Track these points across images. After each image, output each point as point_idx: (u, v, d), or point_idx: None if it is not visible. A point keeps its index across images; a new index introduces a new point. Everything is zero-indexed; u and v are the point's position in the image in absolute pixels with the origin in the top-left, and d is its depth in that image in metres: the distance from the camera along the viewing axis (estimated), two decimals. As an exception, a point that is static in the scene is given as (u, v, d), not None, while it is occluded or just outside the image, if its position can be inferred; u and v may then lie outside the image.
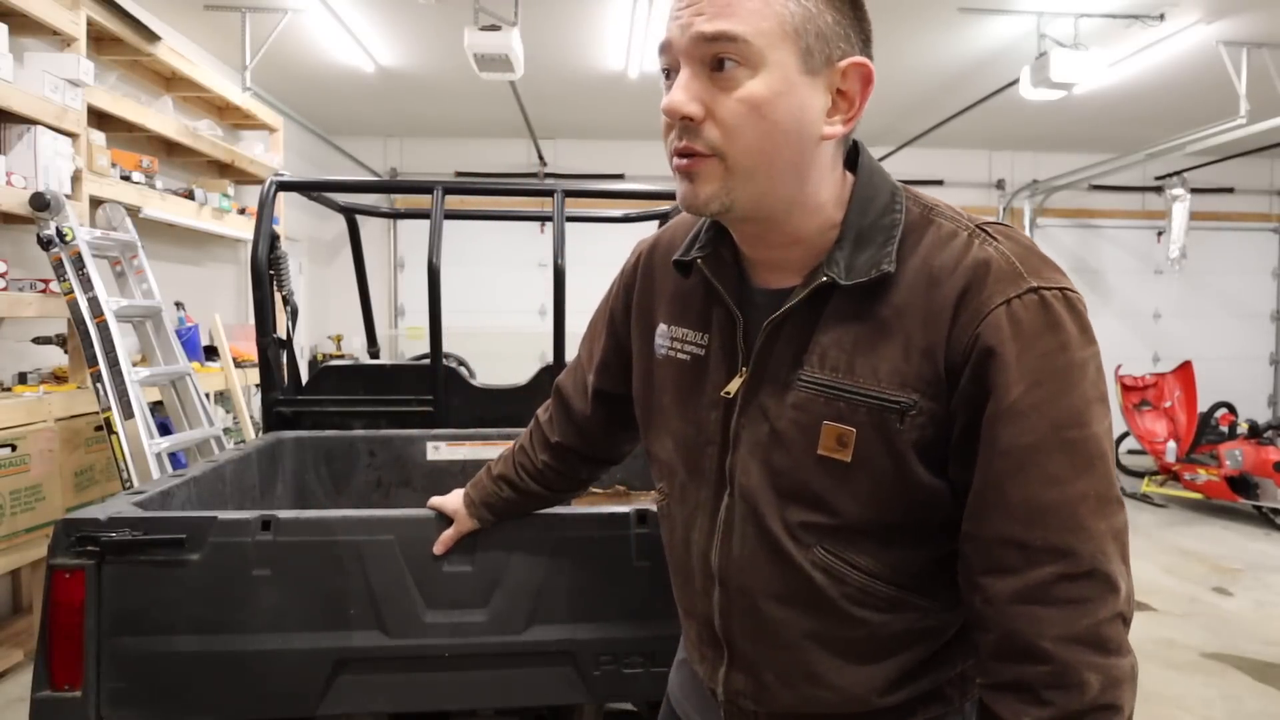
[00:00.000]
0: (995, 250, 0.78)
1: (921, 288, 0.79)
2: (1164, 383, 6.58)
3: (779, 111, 0.76)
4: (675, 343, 0.95)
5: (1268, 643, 3.53)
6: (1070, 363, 0.74)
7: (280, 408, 2.60)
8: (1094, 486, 0.73)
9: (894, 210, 0.83)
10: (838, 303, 0.82)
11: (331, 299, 7.39)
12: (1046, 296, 0.75)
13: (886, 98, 6.53)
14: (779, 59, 0.75)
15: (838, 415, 0.80)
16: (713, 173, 0.78)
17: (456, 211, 3.38)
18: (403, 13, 4.86)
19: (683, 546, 0.96)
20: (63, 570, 1.25)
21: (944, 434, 0.78)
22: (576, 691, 1.36)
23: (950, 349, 0.76)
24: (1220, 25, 4.96)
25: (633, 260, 1.07)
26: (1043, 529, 0.72)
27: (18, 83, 3.15)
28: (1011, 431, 0.73)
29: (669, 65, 0.80)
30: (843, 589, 0.83)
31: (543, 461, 1.22)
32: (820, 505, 0.82)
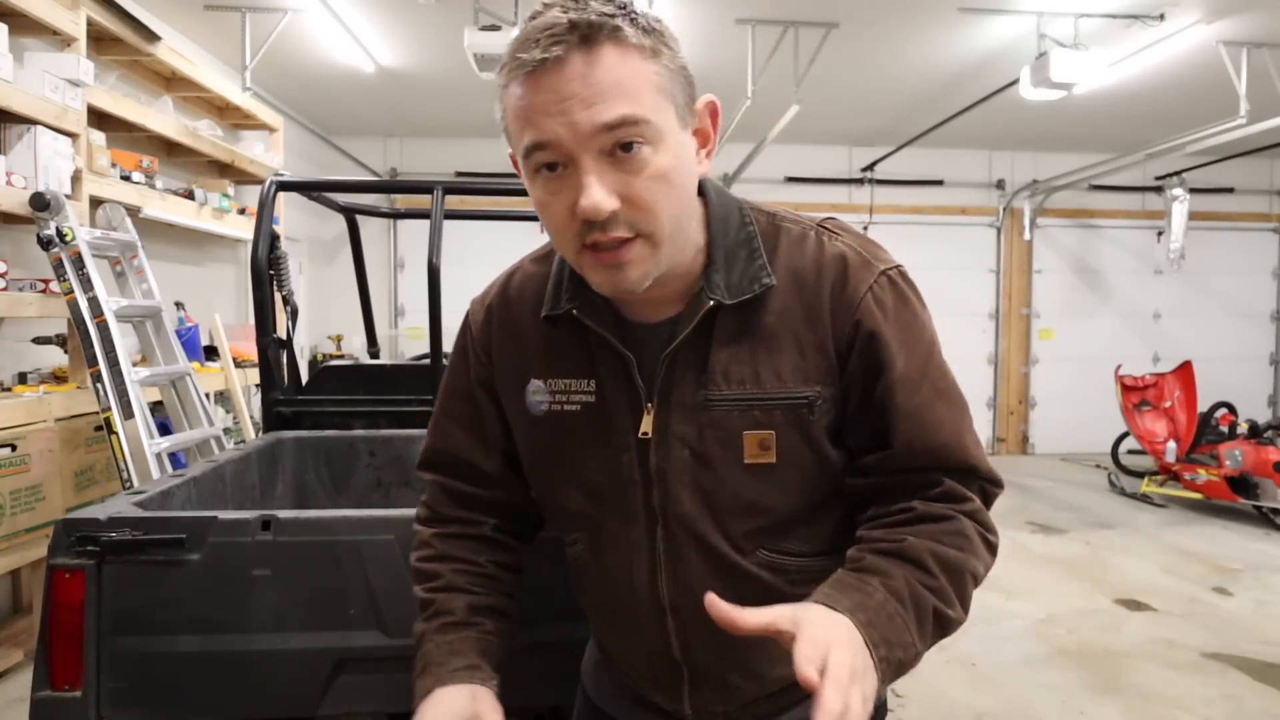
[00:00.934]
0: (843, 244, 0.88)
1: (793, 289, 0.87)
2: (1164, 383, 6.58)
3: (680, 174, 0.80)
4: (559, 395, 0.93)
5: (1268, 643, 3.53)
6: (922, 325, 0.88)
7: (280, 408, 2.60)
8: (965, 420, 0.89)
9: (746, 224, 0.89)
10: (724, 320, 0.86)
11: (331, 299, 7.39)
12: (892, 275, 0.88)
13: (886, 98, 6.53)
14: (668, 125, 0.78)
15: (755, 423, 0.86)
16: (641, 254, 0.79)
17: (456, 211, 3.38)
18: (403, 13, 4.86)
19: (622, 589, 0.95)
20: (63, 570, 1.25)
21: (840, 412, 0.88)
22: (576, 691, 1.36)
23: (836, 338, 0.86)
24: (1220, 25, 4.96)
25: (481, 319, 1.01)
26: (944, 459, 0.86)
27: (18, 83, 3.15)
28: (904, 395, 0.85)
29: (553, 162, 0.77)
30: (786, 577, 0.90)
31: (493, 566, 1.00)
32: (755, 510, 0.88)
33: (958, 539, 0.84)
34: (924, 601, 0.80)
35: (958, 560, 0.83)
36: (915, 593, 0.80)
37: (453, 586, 0.97)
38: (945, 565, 0.82)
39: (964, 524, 0.85)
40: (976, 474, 0.87)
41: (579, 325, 0.91)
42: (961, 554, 0.83)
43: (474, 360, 1.01)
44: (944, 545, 0.83)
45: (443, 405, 1.04)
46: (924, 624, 0.80)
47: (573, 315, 0.90)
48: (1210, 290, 8.82)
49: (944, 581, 0.81)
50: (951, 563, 0.83)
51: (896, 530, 0.84)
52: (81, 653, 1.24)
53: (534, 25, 0.77)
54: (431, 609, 0.96)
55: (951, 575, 0.82)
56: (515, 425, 0.98)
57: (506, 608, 1.01)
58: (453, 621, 0.94)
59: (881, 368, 0.85)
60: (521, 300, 0.98)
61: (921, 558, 0.81)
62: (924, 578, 0.81)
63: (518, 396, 0.96)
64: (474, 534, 1.01)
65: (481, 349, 1.00)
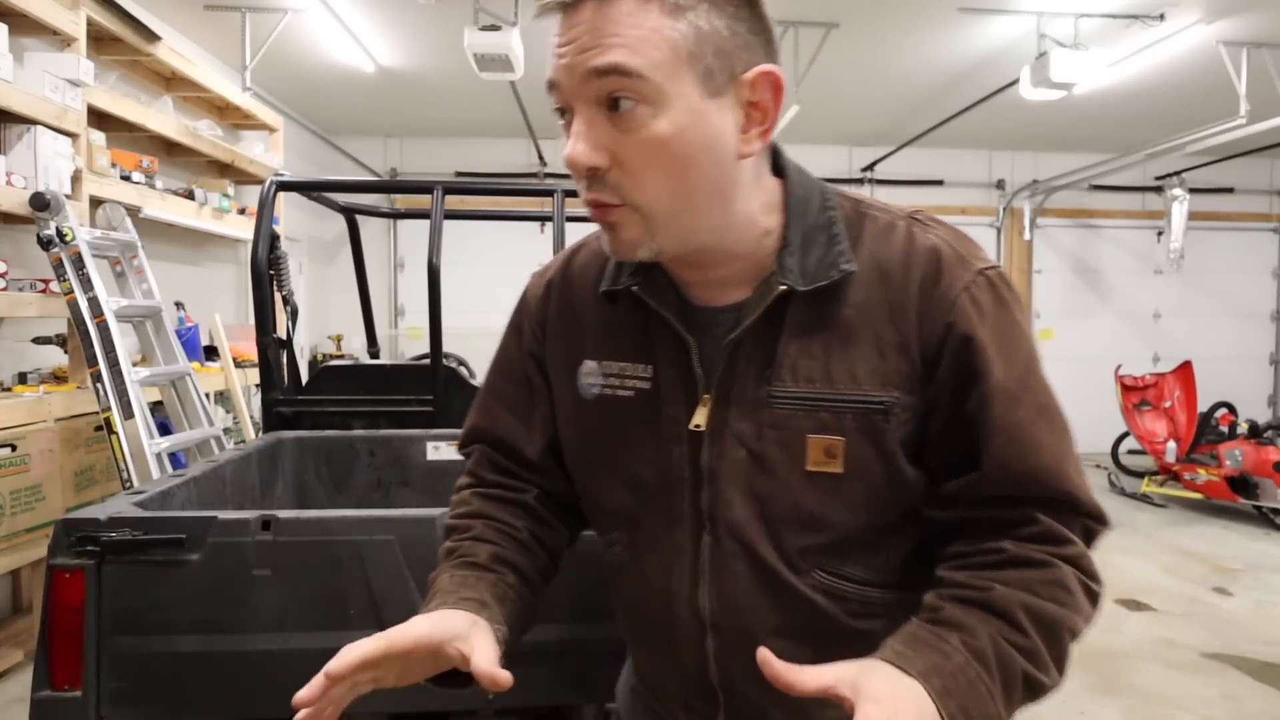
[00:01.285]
0: (937, 237, 0.79)
1: (876, 282, 0.78)
2: (1164, 383, 6.58)
3: (689, 146, 0.71)
4: (612, 379, 0.86)
5: (1268, 643, 3.53)
6: (1022, 334, 0.78)
7: (280, 408, 2.60)
8: (1070, 447, 0.78)
9: (828, 208, 0.81)
10: (796, 310, 0.78)
11: (331, 299, 7.39)
12: (991, 276, 0.78)
13: (886, 98, 6.53)
14: (679, 90, 0.70)
15: (822, 426, 0.77)
16: (630, 221, 0.74)
17: (456, 211, 3.38)
18: (403, 13, 4.86)
19: (659, 598, 0.86)
20: (63, 570, 1.25)
21: (921, 426, 0.78)
22: (576, 691, 1.36)
23: (923, 341, 0.76)
24: (1220, 25, 4.96)
25: (540, 293, 0.95)
26: (1041, 488, 0.75)
27: (18, 83, 3.15)
28: (1001, 409, 0.75)
29: (561, 105, 0.75)
30: (844, 605, 0.81)
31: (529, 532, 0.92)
32: (815, 524, 0.79)
33: (1056, 590, 0.73)
34: (1012, 665, 0.70)
35: (1055, 615, 0.72)
36: (1003, 654, 0.70)
37: (482, 538, 0.88)
38: (1040, 621, 0.72)
39: (1063, 572, 0.74)
40: (1079, 509, 0.77)
41: (639, 304, 0.84)
42: (1060, 608, 0.73)
43: (528, 334, 0.95)
44: (1039, 597, 0.72)
45: (489, 384, 0.99)
46: (1011, 692, 0.70)
47: (632, 293, 0.83)
48: (1210, 290, 8.82)
49: (1037, 640, 0.71)
50: (1047, 618, 0.72)
51: (984, 575, 0.74)
52: (81, 653, 1.24)
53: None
54: (454, 555, 0.87)
55: (1047, 633, 0.72)
56: (561, 408, 0.92)
57: (534, 579, 0.90)
58: (474, 563, 0.85)
59: (976, 376, 0.75)
60: (584, 277, 0.91)
61: (1012, 611, 0.71)
62: (1014, 635, 0.71)
63: (569, 378, 0.89)
64: (515, 499, 0.93)
65: (537, 324, 0.94)
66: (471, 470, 0.98)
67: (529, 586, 0.89)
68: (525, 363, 0.95)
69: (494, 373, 0.98)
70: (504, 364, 0.98)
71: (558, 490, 0.95)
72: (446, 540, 0.90)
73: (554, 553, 0.95)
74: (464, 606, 0.79)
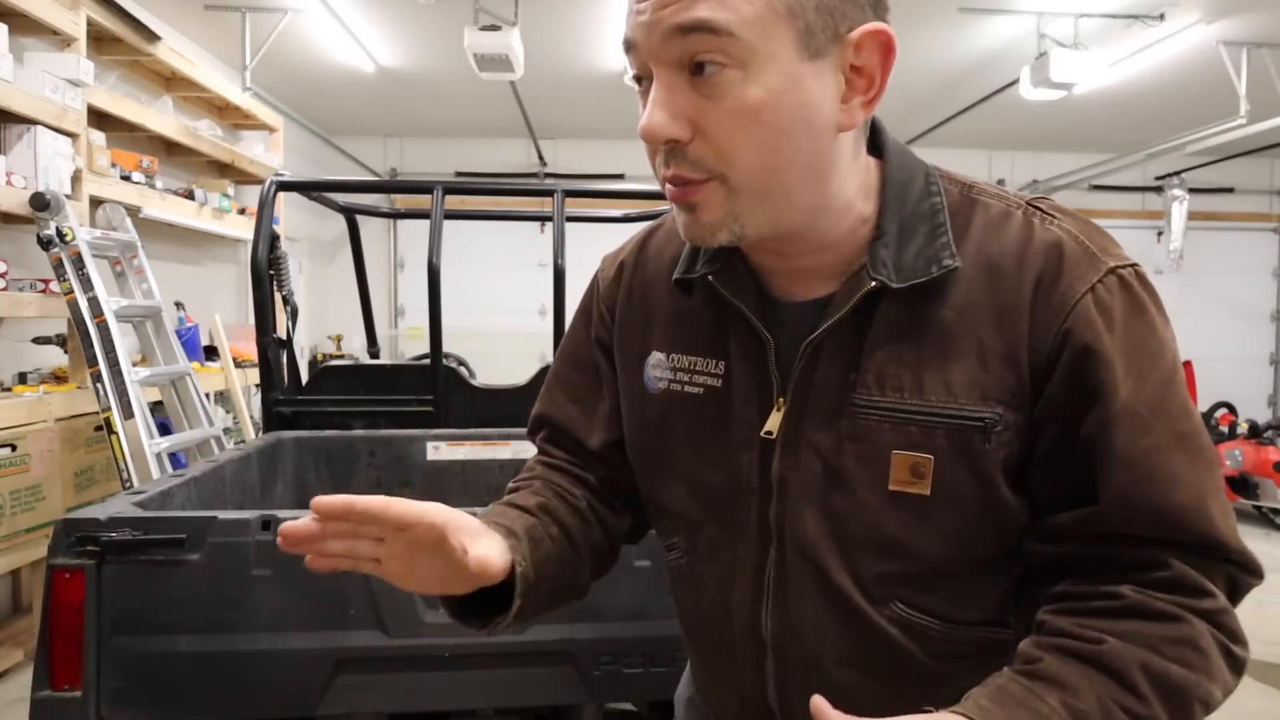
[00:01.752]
0: (1060, 230, 0.68)
1: (984, 280, 0.68)
2: (1164, 383, 6.58)
3: (782, 115, 0.62)
4: (680, 373, 0.79)
5: (1268, 643, 3.52)
6: (1162, 347, 0.66)
7: (280, 408, 2.60)
8: (1215, 482, 0.66)
9: (932, 194, 0.71)
10: (887, 309, 0.69)
11: (331, 299, 7.39)
12: (1125, 276, 0.66)
13: (886, 97, 6.48)
14: (773, 50, 0.61)
15: (910, 442, 0.68)
16: (714, 199, 0.65)
17: (456, 211, 3.38)
18: (403, 13, 4.86)
19: (718, 613, 0.79)
20: (63, 570, 1.25)
21: (1027, 447, 0.67)
22: (576, 691, 1.36)
23: (1033, 350, 0.66)
24: (1220, 25, 4.96)
25: (611, 276, 0.89)
26: (1175, 530, 0.64)
27: (18, 83, 3.15)
28: (1127, 435, 0.63)
29: (639, 70, 0.67)
30: (924, 644, 0.72)
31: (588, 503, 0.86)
32: (895, 551, 0.70)
33: (1186, 650, 0.62)
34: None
35: (1182, 681, 0.61)
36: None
37: (537, 492, 0.83)
38: (1163, 687, 0.60)
39: (1197, 629, 0.62)
40: (1222, 554, 0.64)
41: (714, 294, 0.76)
42: (1189, 672, 0.61)
43: (596, 319, 0.89)
44: (1164, 658, 0.61)
45: (555, 370, 0.93)
46: None
47: (708, 282, 0.76)
48: (1210, 290, 8.82)
49: (1158, 709, 0.60)
50: (1173, 684, 0.60)
51: (1095, 624, 0.63)
52: (81, 653, 1.24)
53: None
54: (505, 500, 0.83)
55: (1171, 703, 0.60)
56: (626, 398, 0.85)
57: (580, 544, 0.82)
58: (518, 504, 0.80)
59: (1097, 395, 0.64)
60: (659, 260, 0.84)
61: (1128, 672, 0.60)
62: (1128, 700, 0.60)
63: (635, 369, 0.83)
64: (578, 474, 0.88)
65: (606, 309, 0.88)
66: (541, 447, 0.93)
67: (573, 547, 0.81)
68: (592, 350, 0.89)
69: (560, 359, 0.94)
70: (571, 351, 0.92)
71: (623, 480, 0.88)
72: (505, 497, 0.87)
73: (612, 533, 0.88)
74: (492, 528, 0.72)
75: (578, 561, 0.82)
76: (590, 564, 0.85)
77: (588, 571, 0.85)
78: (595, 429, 0.88)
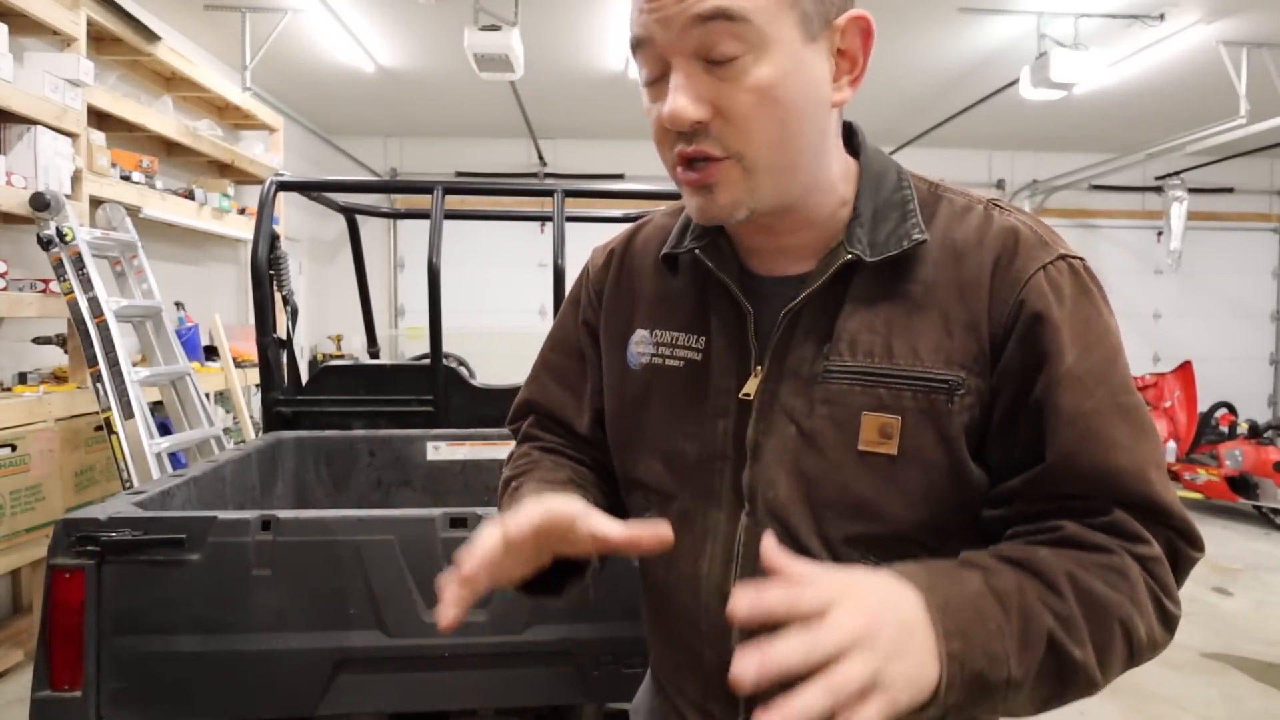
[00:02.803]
0: (1017, 220, 0.75)
1: (948, 261, 0.74)
2: (1164, 383, 6.58)
3: (793, 93, 0.69)
4: (662, 348, 0.83)
5: (1268, 643, 3.53)
6: (1107, 329, 0.73)
7: (280, 408, 2.60)
8: (1155, 453, 0.69)
9: (903, 187, 0.78)
10: (861, 283, 0.75)
11: (331, 299, 7.39)
12: (1074, 265, 0.73)
13: (886, 97, 6.53)
14: (781, 34, 0.67)
15: (879, 403, 0.72)
16: (731, 176, 0.70)
17: (456, 211, 3.38)
18: (403, 13, 4.86)
19: (686, 584, 0.81)
20: (63, 570, 1.25)
21: (986, 415, 0.72)
22: (576, 691, 1.36)
23: (992, 320, 0.71)
24: (1220, 25, 4.96)
25: (601, 261, 0.94)
26: (1117, 491, 0.67)
27: (18, 83, 3.15)
28: (1073, 397, 0.68)
29: (650, 67, 0.71)
30: None
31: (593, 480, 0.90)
32: (865, 511, 0.73)
33: (1111, 574, 0.65)
34: (1038, 620, 0.62)
35: (1105, 598, 0.64)
36: (1027, 605, 0.62)
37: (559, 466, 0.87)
38: (1083, 595, 0.63)
39: (1126, 562, 0.65)
40: (1163, 517, 0.68)
41: (698, 274, 0.82)
42: (1113, 593, 0.64)
43: (584, 304, 0.93)
44: (1090, 574, 0.64)
45: (543, 358, 0.97)
46: (1029, 647, 0.61)
47: (694, 259, 0.81)
48: (1210, 290, 8.82)
49: (1076, 611, 0.63)
50: (1095, 597, 0.63)
51: (1030, 546, 0.67)
52: (81, 653, 1.24)
53: None
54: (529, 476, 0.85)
55: (1090, 610, 0.63)
56: (607, 379, 0.89)
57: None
58: (551, 479, 0.83)
59: (1046, 358, 0.69)
60: (645, 249, 0.90)
61: (1051, 575, 0.64)
62: (1047, 596, 0.63)
63: (619, 348, 0.87)
64: (576, 457, 0.91)
65: (595, 293, 0.92)
66: (527, 434, 0.95)
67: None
68: (579, 333, 0.93)
69: (548, 347, 0.98)
70: (558, 337, 0.96)
71: (612, 465, 0.91)
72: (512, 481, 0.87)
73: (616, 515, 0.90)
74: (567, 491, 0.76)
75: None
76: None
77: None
78: (582, 410, 0.92)
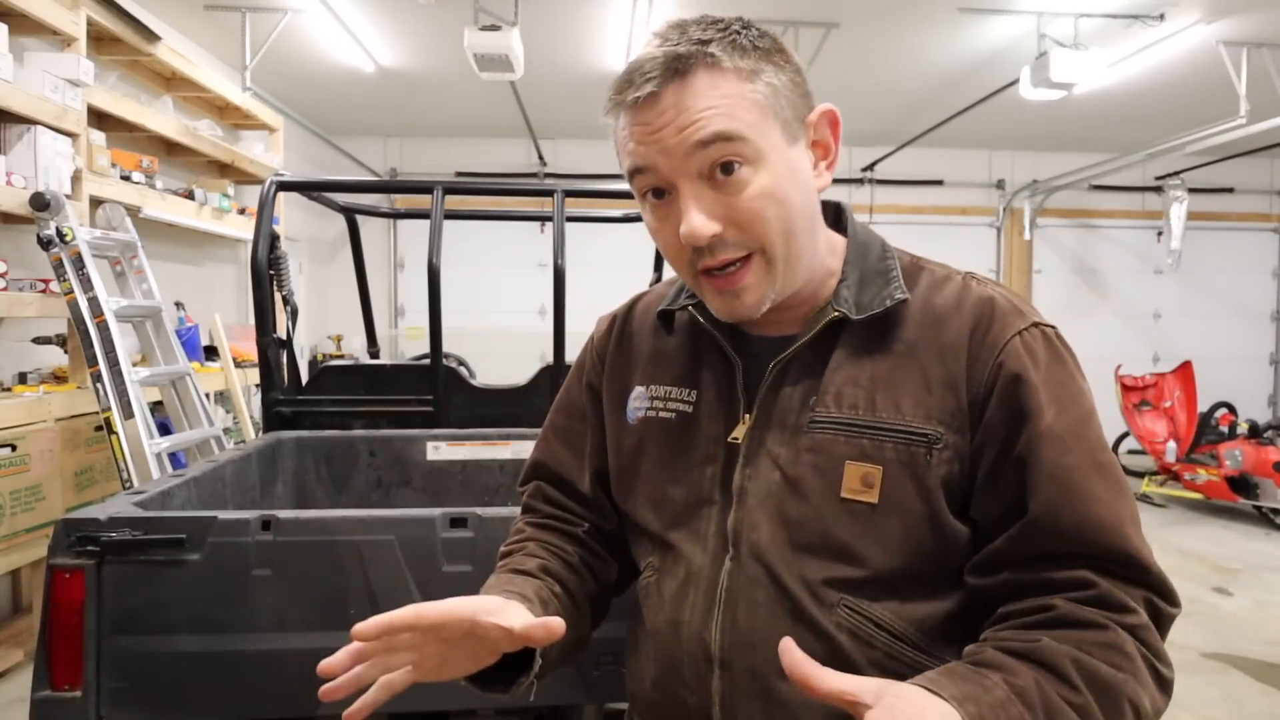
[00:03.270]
0: (993, 290, 0.82)
1: (929, 325, 0.80)
2: (1164, 383, 6.58)
3: (789, 190, 0.76)
4: (656, 401, 0.89)
5: (1268, 643, 3.53)
6: (1080, 391, 0.77)
7: (280, 408, 2.60)
8: (1131, 509, 0.74)
9: (887, 257, 0.86)
10: (847, 341, 0.81)
11: (331, 299, 7.39)
12: (1047, 333, 0.79)
13: (886, 98, 6.53)
14: (770, 144, 0.75)
15: (861, 454, 0.77)
16: (757, 274, 0.77)
17: (456, 211, 3.38)
18: (403, 13, 4.86)
19: (668, 629, 0.83)
20: (63, 570, 1.25)
21: (966, 472, 0.76)
22: (576, 691, 1.36)
23: (971, 381, 0.76)
24: (1220, 25, 4.96)
25: (604, 327, 1.01)
26: (1096, 545, 0.71)
27: (18, 83, 3.15)
28: (1054, 453, 0.72)
29: (653, 188, 0.78)
30: (869, 654, 0.76)
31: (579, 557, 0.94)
32: (845, 556, 0.76)
33: (1112, 653, 0.67)
34: (1062, 714, 0.65)
35: (1110, 679, 0.66)
36: (1050, 701, 0.65)
37: (532, 554, 0.90)
38: (1093, 681, 0.66)
39: (1121, 636, 0.68)
40: (1141, 574, 0.71)
41: (692, 332, 0.89)
42: (1118, 673, 0.67)
43: (589, 365, 1.00)
44: (1093, 657, 0.67)
45: (550, 420, 1.03)
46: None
47: (689, 317, 0.88)
48: (1210, 290, 8.82)
49: (1090, 700, 0.65)
50: (1103, 681, 0.66)
51: (1030, 632, 0.70)
52: (81, 653, 1.24)
53: (632, 63, 0.76)
54: (503, 567, 0.89)
55: (1101, 695, 0.66)
56: (610, 436, 0.95)
57: (580, 600, 0.90)
58: (520, 569, 0.87)
59: (1026, 416, 0.73)
60: (645, 314, 0.98)
61: (1061, 665, 0.66)
62: (1063, 689, 0.66)
63: (619, 405, 0.94)
64: (567, 530, 0.96)
65: (598, 355, 1.00)
66: (527, 504, 1.01)
67: (574, 604, 0.89)
68: (582, 395, 0.99)
69: (555, 409, 1.03)
70: (564, 401, 1.03)
71: (609, 528, 0.97)
72: (501, 559, 0.93)
73: (604, 584, 0.95)
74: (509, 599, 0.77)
75: (580, 616, 0.90)
76: (589, 616, 0.93)
77: (589, 624, 0.93)
78: (584, 470, 0.97)
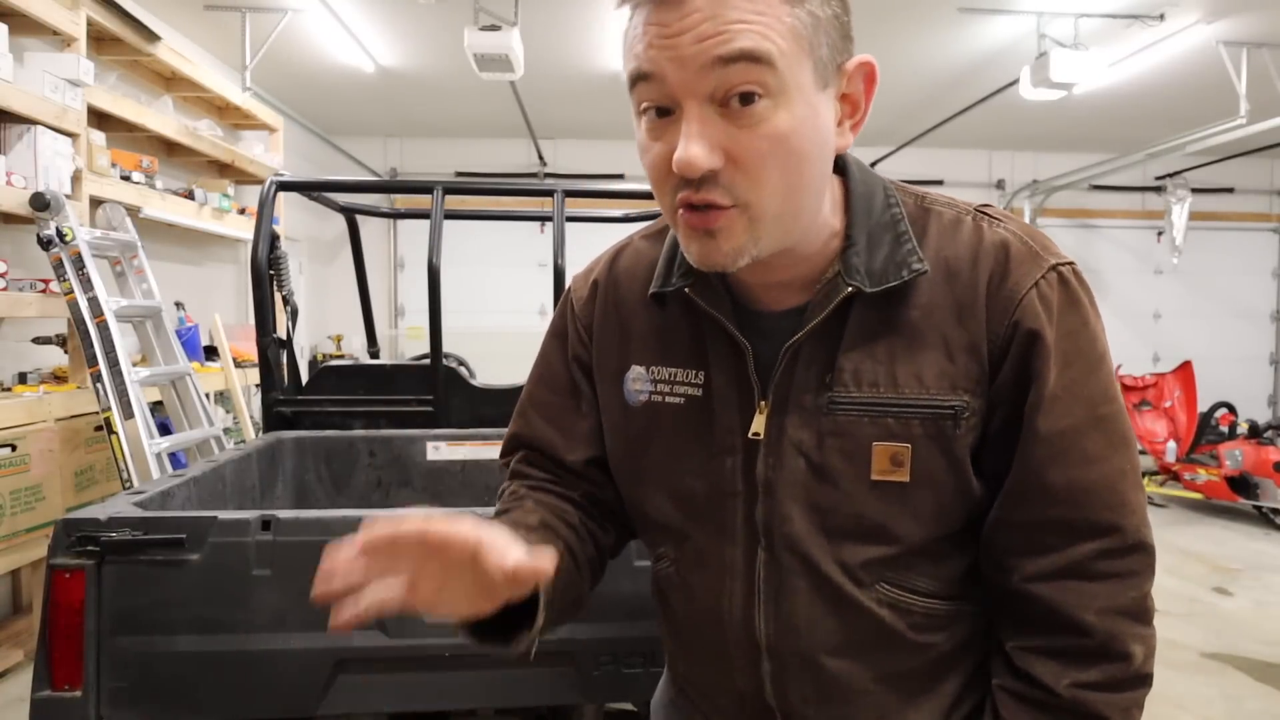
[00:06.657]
0: (1006, 231, 0.75)
1: (943, 281, 0.74)
2: (1164, 383, 6.58)
3: (805, 141, 0.67)
4: (661, 385, 0.82)
5: (1268, 643, 3.52)
6: (1092, 338, 0.74)
7: (280, 408, 2.60)
8: (1129, 460, 0.73)
9: (891, 205, 0.77)
10: (859, 313, 0.74)
11: (331, 299, 7.39)
12: (1064, 273, 0.74)
13: (886, 98, 6.53)
14: (799, 81, 0.65)
15: (888, 433, 0.73)
16: (736, 225, 0.68)
17: (456, 211, 3.38)
18: (403, 13, 4.86)
19: (710, 618, 0.81)
20: (63, 570, 1.25)
21: (985, 430, 0.74)
22: (576, 691, 1.36)
23: (990, 340, 0.72)
24: (1220, 25, 4.96)
25: (585, 295, 0.90)
26: (1086, 508, 0.71)
27: (18, 83, 3.14)
28: (1050, 418, 0.71)
29: (655, 102, 0.67)
30: (910, 619, 0.77)
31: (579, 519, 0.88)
32: (880, 536, 0.75)
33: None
34: None
35: None
36: None
37: (532, 512, 0.83)
38: None
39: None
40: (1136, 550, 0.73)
41: (691, 307, 0.80)
42: None
43: (573, 339, 0.90)
44: None
45: (529, 393, 0.94)
46: None
47: (684, 295, 0.79)
48: (1210, 290, 8.82)
49: None
50: None
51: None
52: (81, 653, 1.24)
53: None
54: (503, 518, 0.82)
55: None
56: (607, 416, 0.87)
57: (582, 562, 0.84)
58: (524, 523, 0.80)
59: (1033, 378, 0.71)
60: (631, 278, 0.87)
61: None
62: None
63: (614, 384, 0.85)
64: (564, 493, 0.88)
65: (583, 328, 0.90)
66: (516, 471, 0.92)
67: (575, 563, 0.83)
68: (569, 369, 0.90)
69: (535, 382, 0.94)
70: (546, 373, 0.93)
71: (605, 497, 0.90)
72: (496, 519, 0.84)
73: (602, 550, 0.89)
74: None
75: (579, 577, 0.84)
76: (589, 579, 0.87)
77: (588, 585, 0.87)
78: (575, 447, 0.89)
